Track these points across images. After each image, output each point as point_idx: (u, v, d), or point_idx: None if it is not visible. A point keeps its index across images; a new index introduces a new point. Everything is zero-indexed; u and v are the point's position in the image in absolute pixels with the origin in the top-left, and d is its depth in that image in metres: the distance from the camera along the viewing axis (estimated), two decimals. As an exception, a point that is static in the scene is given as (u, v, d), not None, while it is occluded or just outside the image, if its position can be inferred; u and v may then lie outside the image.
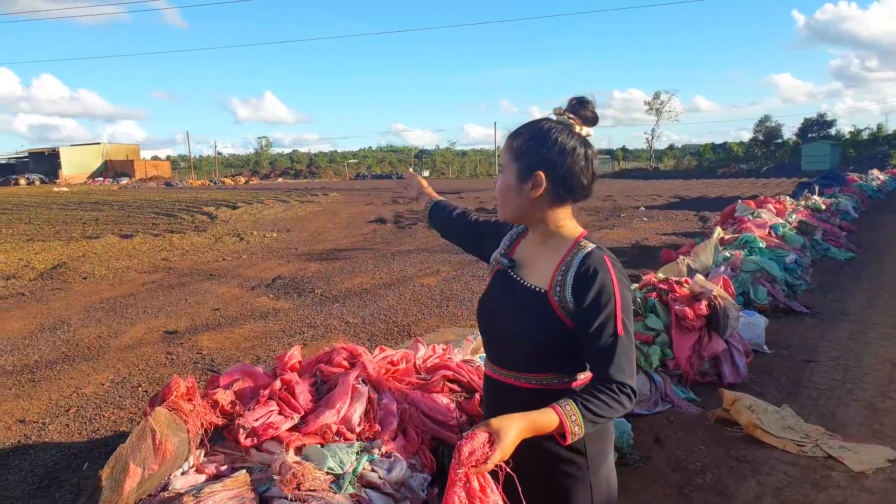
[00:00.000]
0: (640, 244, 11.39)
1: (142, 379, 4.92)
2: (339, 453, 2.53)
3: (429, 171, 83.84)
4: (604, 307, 1.44)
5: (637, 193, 26.52)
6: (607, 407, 1.39)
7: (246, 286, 8.58)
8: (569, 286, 1.49)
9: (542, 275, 1.57)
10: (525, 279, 1.60)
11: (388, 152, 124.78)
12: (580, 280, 1.47)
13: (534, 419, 1.35)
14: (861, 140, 52.27)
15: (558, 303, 1.50)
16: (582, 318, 1.46)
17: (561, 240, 1.58)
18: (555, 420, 1.36)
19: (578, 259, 1.50)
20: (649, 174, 53.80)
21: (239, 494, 2.32)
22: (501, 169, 1.63)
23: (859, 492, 3.04)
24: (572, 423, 1.36)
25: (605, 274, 1.46)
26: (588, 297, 1.45)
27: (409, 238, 13.55)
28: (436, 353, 3.54)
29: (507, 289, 1.64)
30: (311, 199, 28.46)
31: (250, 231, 15.45)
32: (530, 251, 1.66)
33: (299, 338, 5.91)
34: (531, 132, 1.56)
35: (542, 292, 1.53)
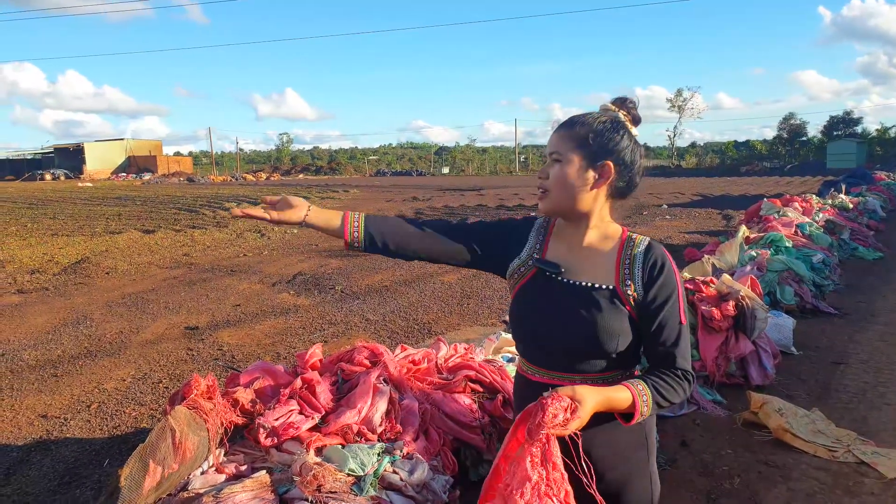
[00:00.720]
0: (664, 243, 11.17)
1: (162, 375, 4.94)
2: (360, 454, 2.49)
3: (448, 168, 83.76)
4: (670, 297, 1.49)
5: (659, 191, 26.23)
6: (673, 391, 1.45)
7: (267, 282, 8.60)
8: (638, 278, 1.51)
9: (601, 271, 1.54)
10: (578, 280, 1.55)
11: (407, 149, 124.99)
12: (649, 271, 1.50)
13: (609, 394, 1.40)
14: (888, 138, 51.27)
15: (629, 298, 1.50)
16: (650, 309, 1.50)
17: (607, 234, 1.58)
18: (628, 398, 1.41)
19: (641, 251, 1.53)
20: (671, 172, 53.19)
21: (259, 495, 2.30)
22: (554, 158, 1.54)
23: (894, 499, 2.94)
24: (643, 402, 1.42)
25: (669, 265, 1.51)
26: (657, 288, 1.49)
27: (428, 235, 13.50)
28: (457, 353, 3.50)
29: (555, 293, 1.56)
30: (332, 196, 28.57)
31: (271, 227, 15.50)
32: (573, 250, 1.59)
33: (320, 335, 5.90)
34: (599, 122, 1.53)
35: (611, 288, 1.52)
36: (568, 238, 1.62)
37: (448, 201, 24.01)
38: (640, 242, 1.55)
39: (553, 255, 1.62)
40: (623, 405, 1.41)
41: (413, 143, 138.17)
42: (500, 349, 3.78)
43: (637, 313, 1.51)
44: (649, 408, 1.43)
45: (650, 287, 1.50)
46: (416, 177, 66.64)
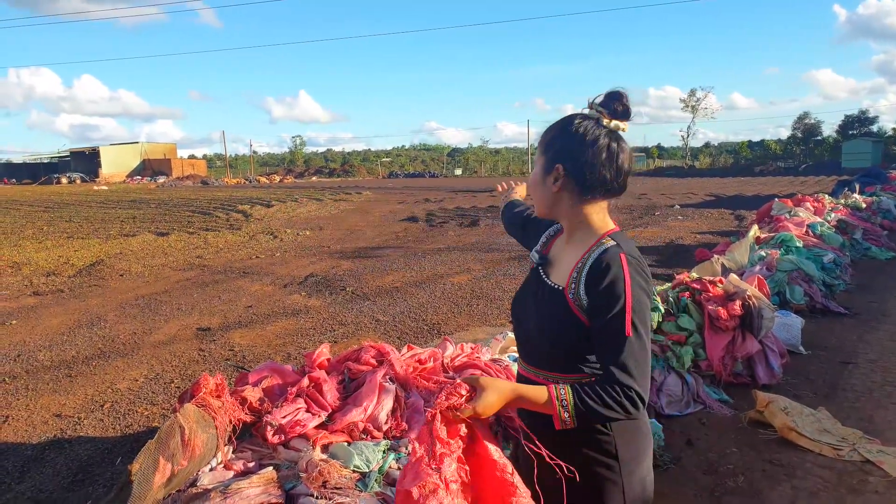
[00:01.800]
0: (675, 243, 11.21)
1: (174, 375, 5.01)
2: (365, 451, 2.54)
3: (461, 170, 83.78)
4: (612, 305, 1.40)
5: (672, 191, 26.11)
6: (604, 406, 1.36)
7: (278, 284, 8.67)
8: (582, 282, 1.46)
9: (562, 272, 1.56)
10: (549, 277, 1.60)
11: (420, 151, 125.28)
12: (591, 276, 1.44)
13: (522, 390, 1.40)
14: (905, 136, 50.62)
15: (574, 300, 1.47)
16: (591, 316, 1.44)
17: (585, 237, 1.55)
18: (543, 397, 1.38)
19: (594, 256, 1.47)
20: (685, 172, 52.85)
21: (266, 491, 2.35)
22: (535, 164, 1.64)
23: (901, 498, 2.94)
24: (562, 407, 1.36)
25: (617, 271, 1.41)
26: (598, 294, 1.42)
27: (440, 236, 13.56)
28: (464, 352, 3.53)
29: (536, 286, 1.63)
30: (345, 198, 28.67)
31: (284, 229, 15.63)
32: (560, 249, 1.66)
33: (330, 335, 5.95)
34: (557, 126, 1.57)
35: (560, 290, 1.52)
36: (562, 238, 1.67)
37: (460, 203, 24.06)
38: (601, 246, 1.49)
39: (552, 251, 1.70)
40: (537, 403, 1.38)
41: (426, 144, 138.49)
42: (507, 349, 3.81)
43: (585, 315, 1.46)
44: (571, 415, 1.35)
45: (591, 293, 1.44)
46: (428, 178, 66.74)
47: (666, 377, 3.94)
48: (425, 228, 15.39)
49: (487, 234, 13.60)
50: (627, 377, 1.36)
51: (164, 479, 2.38)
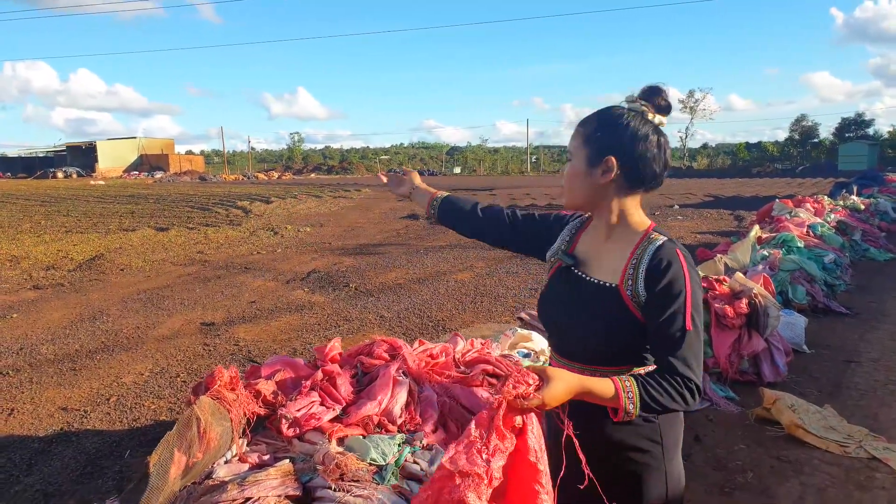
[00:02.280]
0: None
1: (180, 370, 5.01)
2: (381, 444, 2.55)
3: (460, 168, 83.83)
4: (674, 300, 1.42)
5: (671, 192, 26.15)
6: (668, 397, 1.37)
7: (281, 279, 8.68)
8: (641, 279, 1.46)
9: (611, 269, 1.54)
10: (591, 275, 1.57)
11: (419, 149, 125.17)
12: (652, 272, 1.45)
13: (589, 383, 1.36)
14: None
15: (630, 297, 1.48)
16: (651, 311, 1.45)
17: (629, 231, 1.55)
18: (610, 390, 1.36)
19: (651, 251, 1.48)
20: (683, 173, 52.89)
21: (283, 483, 2.35)
22: (570, 156, 1.60)
23: (908, 494, 2.96)
24: (628, 400, 1.36)
25: (678, 267, 1.44)
26: (659, 290, 1.43)
27: (441, 234, 13.56)
28: (474, 348, 3.55)
29: (572, 286, 1.60)
30: (344, 195, 28.68)
31: (284, 225, 15.63)
32: (594, 245, 1.63)
33: (335, 331, 5.96)
34: (602, 117, 1.54)
35: (614, 287, 1.51)
36: (593, 234, 1.65)
37: (458, 201, 24.04)
38: (654, 241, 1.50)
39: (580, 249, 1.66)
40: (604, 396, 1.37)
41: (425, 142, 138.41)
42: (516, 345, 3.82)
43: (641, 311, 1.47)
44: (636, 407, 1.37)
45: (651, 288, 1.45)
46: (427, 176, 66.68)
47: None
48: (426, 226, 15.39)
49: (488, 233, 13.62)
50: (688, 369, 1.39)
51: (179, 472, 2.38)
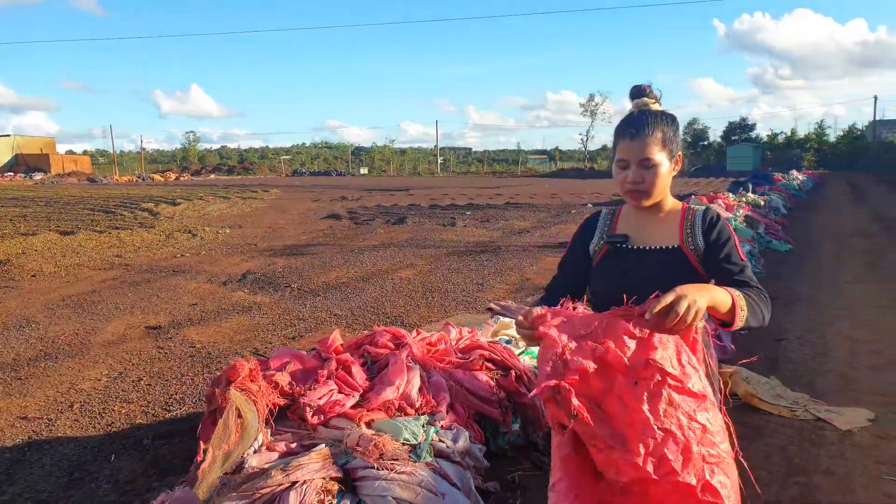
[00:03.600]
0: (598, 238, 11.84)
1: (141, 373, 4.84)
2: (409, 426, 2.66)
3: (367, 169, 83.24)
4: (728, 242, 1.86)
5: (579, 191, 27.33)
6: (763, 303, 1.72)
7: (216, 281, 8.44)
8: (699, 234, 1.86)
9: (666, 236, 1.89)
10: (647, 244, 1.89)
11: (322, 149, 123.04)
12: (709, 226, 1.87)
13: (716, 292, 1.59)
14: (777, 143, 55.39)
15: (692, 251, 1.86)
16: (712, 254, 1.82)
17: (670, 206, 1.95)
18: (728, 299, 1.61)
19: (700, 214, 1.92)
20: (586, 174, 55.23)
21: (323, 467, 2.42)
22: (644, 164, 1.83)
23: (851, 446, 3.40)
24: (741, 308, 1.63)
25: (722, 221, 1.91)
26: (714, 237, 1.85)
27: (369, 234, 13.57)
28: (464, 336, 3.70)
29: (629, 258, 1.89)
30: (253, 196, 27.87)
31: (201, 227, 15.08)
32: (642, 224, 1.96)
33: (292, 330, 5.92)
34: (671, 123, 1.85)
35: (676, 247, 1.85)
36: (635, 216, 1.98)
37: (379, 201, 24.04)
38: (699, 208, 1.96)
39: (624, 229, 1.99)
40: (723, 308, 1.61)
41: (328, 142, 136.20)
42: (498, 332, 4.01)
43: (701, 262, 1.84)
44: (745, 315, 1.63)
45: (710, 234, 1.85)
46: (335, 177, 65.98)
47: (638, 355, 4.29)
48: (351, 226, 15.34)
49: (417, 231, 13.76)
50: (759, 284, 1.80)
51: (219, 462, 2.40)
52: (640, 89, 1.97)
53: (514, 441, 3.30)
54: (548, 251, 10.34)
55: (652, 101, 1.94)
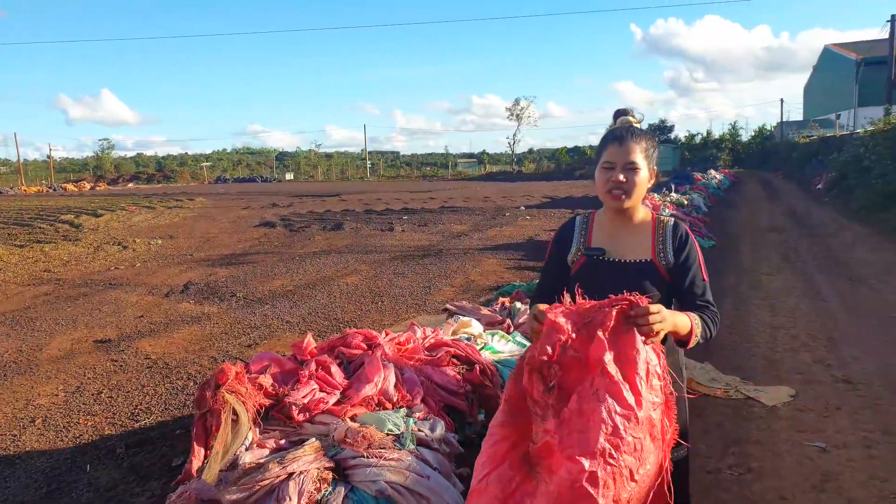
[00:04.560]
0: (534, 240, 12.30)
1: (99, 386, 4.82)
2: (391, 418, 2.87)
3: (293, 175, 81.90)
4: (695, 261, 2.00)
5: (511, 194, 27.98)
6: (713, 324, 1.92)
7: (158, 293, 8.33)
8: (670, 249, 2.00)
9: (639, 249, 2.02)
10: (621, 257, 2.02)
11: (244, 154, 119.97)
12: (680, 243, 2.01)
13: (676, 317, 1.77)
14: (695, 144, 58.12)
15: (663, 265, 2.00)
16: (681, 270, 1.98)
17: (642, 216, 2.06)
18: (687, 324, 1.82)
19: (670, 229, 2.03)
20: (514, 177, 56.41)
21: (316, 458, 2.60)
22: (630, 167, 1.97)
23: (777, 419, 3.85)
24: (698, 330, 1.85)
25: (691, 238, 2.04)
26: (686, 255, 2.00)
27: (307, 241, 13.56)
28: (429, 336, 3.93)
29: (606, 270, 2.02)
30: (178, 205, 27.09)
31: (130, 239, 14.66)
32: (614, 235, 2.06)
33: (246, 338, 5.98)
34: (652, 139, 2.04)
35: (649, 261, 2.00)
36: (609, 226, 2.08)
37: (311, 207, 23.87)
38: (668, 221, 2.05)
39: (597, 242, 2.10)
40: (683, 331, 1.81)
41: (250, 148, 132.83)
42: (458, 331, 4.26)
43: (669, 273, 1.98)
44: (697, 341, 1.84)
45: (680, 253, 1.98)
46: (261, 183, 64.66)
47: (586, 347, 4.64)
48: (287, 233, 15.25)
49: (356, 237, 13.87)
50: (714, 305, 1.97)
51: (219, 457, 2.55)
52: (623, 111, 2.17)
53: (480, 431, 3.55)
54: (488, 253, 10.69)
55: (634, 121, 2.14)
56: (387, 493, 2.43)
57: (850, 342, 5.24)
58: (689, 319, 1.84)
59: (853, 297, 6.78)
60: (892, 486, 3.04)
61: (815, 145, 29.49)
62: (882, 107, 23.50)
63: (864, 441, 3.50)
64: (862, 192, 15.08)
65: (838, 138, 25.60)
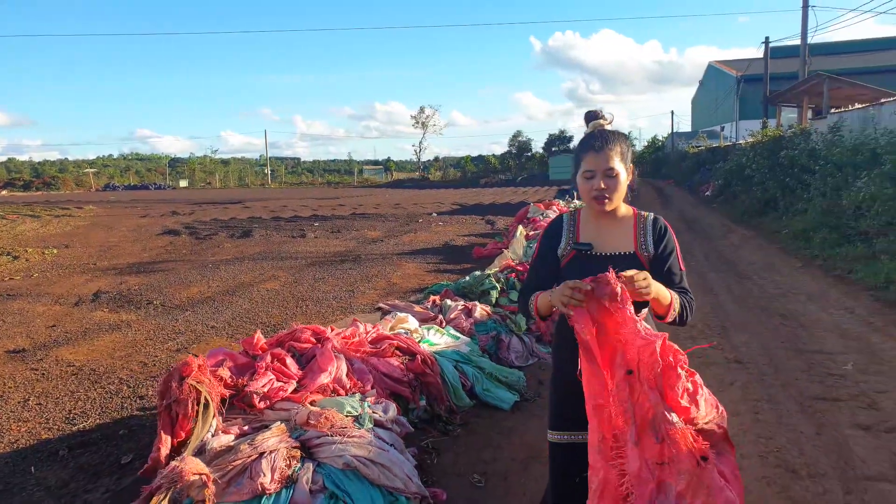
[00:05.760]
0: (450, 244, 12.71)
1: (25, 394, 4.70)
2: (348, 402, 3.12)
3: (187, 182, 78.64)
4: (673, 251, 2.17)
5: (421, 201, 28.40)
6: (689, 307, 2.10)
7: (66, 303, 8.02)
8: (650, 241, 2.16)
9: (622, 242, 2.17)
10: (607, 251, 2.17)
11: (133, 160, 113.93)
12: (659, 235, 2.17)
13: (660, 290, 1.96)
14: (590, 154, 61.06)
15: (645, 256, 2.15)
16: (660, 260, 2.15)
17: (623, 212, 2.20)
18: (668, 296, 2.01)
19: (650, 222, 2.19)
20: (422, 184, 57.05)
21: (282, 440, 2.81)
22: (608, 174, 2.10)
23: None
24: (676, 304, 2.03)
25: (669, 231, 2.20)
26: (665, 246, 2.16)
27: (216, 248, 13.32)
28: (370, 331, 4.18)
29: (593, 263, 2.14)
30: (67, 213, 25.60)
31: (20, 249, 13.79)
32: (600, 230, 2.20)
33: (174, 343, 5.96)
34: (626, 140, 2.19)
35: (631, 253, 2.15)
36: (595, 222, 2.22)
37: (215, 214, 23.26)
38: (648, 216, 2.20)
39: (584, 237, 2.23)
40: (664, 302, 1.98)
41: (139, 154, 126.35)
42: (395, 327, 4.53)
43: (650, 264, 2.12)
44: (676, 312, 2.00)
45: (659, 244, 2.13)
46: (155, 191, 61.83)
47: (510, 339, 5.04)
48: (194, 241, 14.88)
49: (268, 244, 13.75)
50: (690, 292, 2.15)
51: (193, 444, 2.70)
52: (594, 113, 2.22)
53: (421, 415, 3.85)
54: (407, 258, 10.98)
55: (605, 122, 2.21)
56: (353, 466, 2.67)
57: (739, 329, 5.95)
58: (670, 294, 2.03)
59: (740, 291, 7.60)
60: (775, 442, 3.61)
61: (703, 155, 31.45)
62: (759, 120, 25.66)
63: (752, 408, 4.09)
64: (745, 198, 16.38)
65: (723, 149, 27.41)
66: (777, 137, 16.54)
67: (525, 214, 11.56)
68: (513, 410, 4.12)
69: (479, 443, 3.69)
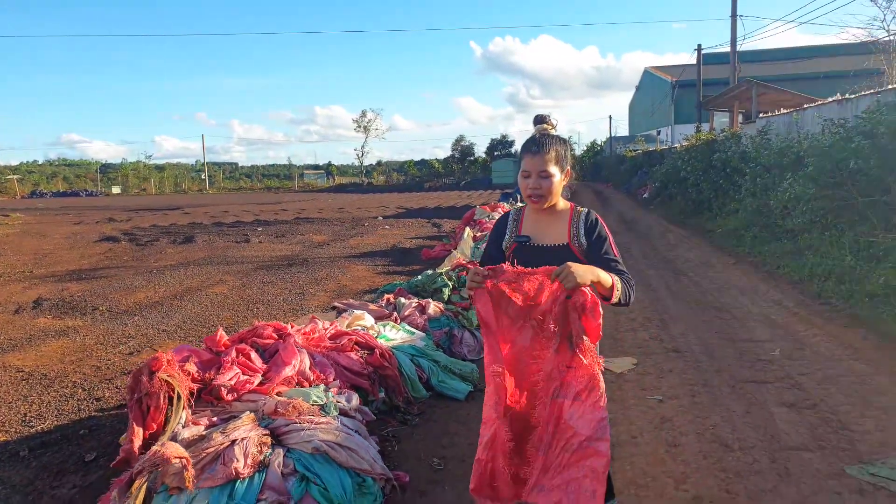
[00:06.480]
0: (398, 247, 12.88)
1: (-21, 400, 4.64)
2: (313, 392, 3.27)
3: (120, 188, 75.89)
4: (605, 240, 2.36)
5: (365, 206, 28.42)
6: (630, 288, 2.28)
7: (5, 310, 7.81)
8: (582, 233, 2.37)
9: (557, 235, 2.39)
10: (543, 243, 2.41)
11: (60, 166, 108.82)
12: (590, 226, 2.38)
13: (599, 272, 2.14)
14: (531, 158, 62.22)
15: (577, 247, 2.36)
16: (593, 249, 2.35)
17: (561, 208, 2.44)
18: (609, 280, 2.17)
19: (583, 216, 2.41)
20: (366, 188, 56.89)
21: (253, 428, 2.95)
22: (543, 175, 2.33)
23: (625, 381, 4.70)
24: (619, 287, 2.20)
25: (600, 222, 2.42)
26: (597, 235, 2.37)
27: (158, 254, 13.08)
28: (329, 327, 4.34)
29: (531, 254, 2.39)
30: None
31: (-53, 257, 13.21)
32: (540, 225, 2.44)
33: (126, 347, 5.93)
34: (564, 144, 2.40)
35: (565, 245, 2.37)
36: (535, 217, 2.46)
37: (153, 221, 22.70)
38: (583, 211, 2.41)
39: (525, 230, 2.48)
40: (606, 285, 2.13)
41: (67, 159, 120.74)
42: (352, 324, 4.69)
43: (584, 255, 2.32)
44: (620, 292, 2.16)
45: (591, 234, 2.33)
46: (87, 197, 59.44)
47: (463, 334, 5.27)
48: (134, 248, 14.55)
49: (211, 249, 13.59)
50: (629, 272, 2.34)
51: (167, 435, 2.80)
52: (542, 117, 2.41)
53: (381, 406, 4.02)
54: (355, 261, 11.10)
55: (550, 127, 2.41)
56: (322, 450, 2.84)
57: (677, 321, 6.35)
58: (611, 277, 2.19)
59: (677, 287, 8.07)
60: (710, 421, 3.95)
61: (640, 158, 32.46)
62: (694, 124, 26.61)
63: (689, 392, 4.44)
64: (681, 199, 17.15)
65: (660, 153, 28.41)
66: (710, 141, 17.35)
67: (472, 217, 11.85)
68: (467, 400, 4.35)
69: (437, 430, 3.90)
